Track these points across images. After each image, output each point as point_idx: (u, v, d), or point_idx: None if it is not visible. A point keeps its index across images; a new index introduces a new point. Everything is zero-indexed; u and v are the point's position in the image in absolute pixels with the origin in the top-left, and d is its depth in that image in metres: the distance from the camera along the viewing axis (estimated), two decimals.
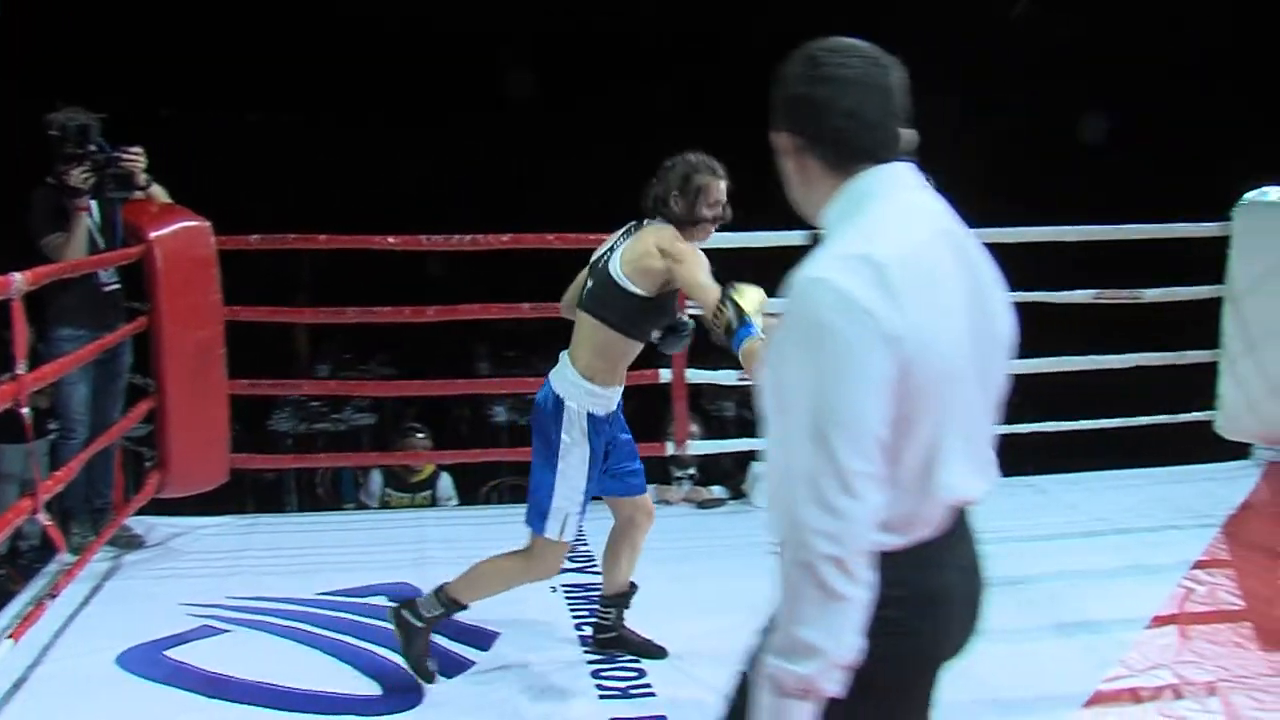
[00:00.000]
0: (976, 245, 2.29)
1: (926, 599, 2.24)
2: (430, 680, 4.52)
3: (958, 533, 2.31)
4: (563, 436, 4.38)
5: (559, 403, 4.38)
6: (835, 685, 2.07)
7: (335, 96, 12.10)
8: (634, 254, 4.24)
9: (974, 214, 2.51)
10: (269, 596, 5.43)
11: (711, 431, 7.75)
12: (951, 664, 2.37)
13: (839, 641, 2.05)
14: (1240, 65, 10.73)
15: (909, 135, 2.28)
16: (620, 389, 4.48)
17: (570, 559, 5.88)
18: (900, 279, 2.07)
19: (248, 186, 10.89)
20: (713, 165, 4.31)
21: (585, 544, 6.11)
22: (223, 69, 11.61)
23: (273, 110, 12.46)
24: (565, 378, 4.39)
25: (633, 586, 4.88)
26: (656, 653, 4.82)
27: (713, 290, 3.90)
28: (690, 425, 6.71)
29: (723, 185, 4.29)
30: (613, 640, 4.87)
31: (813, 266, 2.10)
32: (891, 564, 2.15)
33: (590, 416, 4.37)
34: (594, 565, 5.80)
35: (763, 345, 3.57)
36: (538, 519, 4.43)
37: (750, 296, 3.79)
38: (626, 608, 4.89)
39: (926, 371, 2.08)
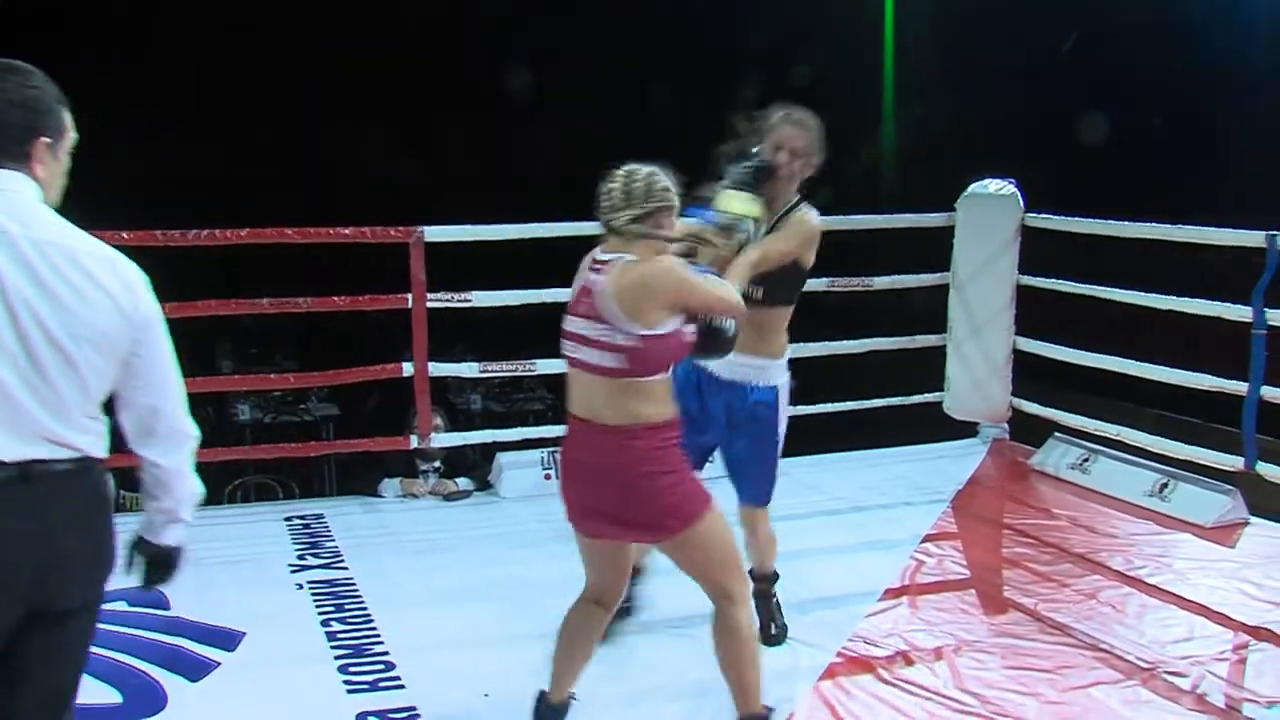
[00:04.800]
0: (47, 247, 2.61)
1: None
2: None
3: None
4: (781, 417, 4.58)
5: (774, 391, 4.52)
6: None
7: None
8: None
9: None
10: None
11: (457, 424, 7.73)
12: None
13: None
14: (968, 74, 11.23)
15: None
16: None
17: (316, 555, 5.84)
18: None
19: None
20: None
21: (332, 540, 6.05)
22: None
23: None
24: (772, 369, 4.51)
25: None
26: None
27: None
28: (434, 418, 6.69)
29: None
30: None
31: None
32: None
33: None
34: (340, 561, 5.75)
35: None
36: (767, 492, 4.65)
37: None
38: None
39: None
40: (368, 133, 12.13)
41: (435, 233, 6.43)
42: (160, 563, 3.06)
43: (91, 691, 4.36)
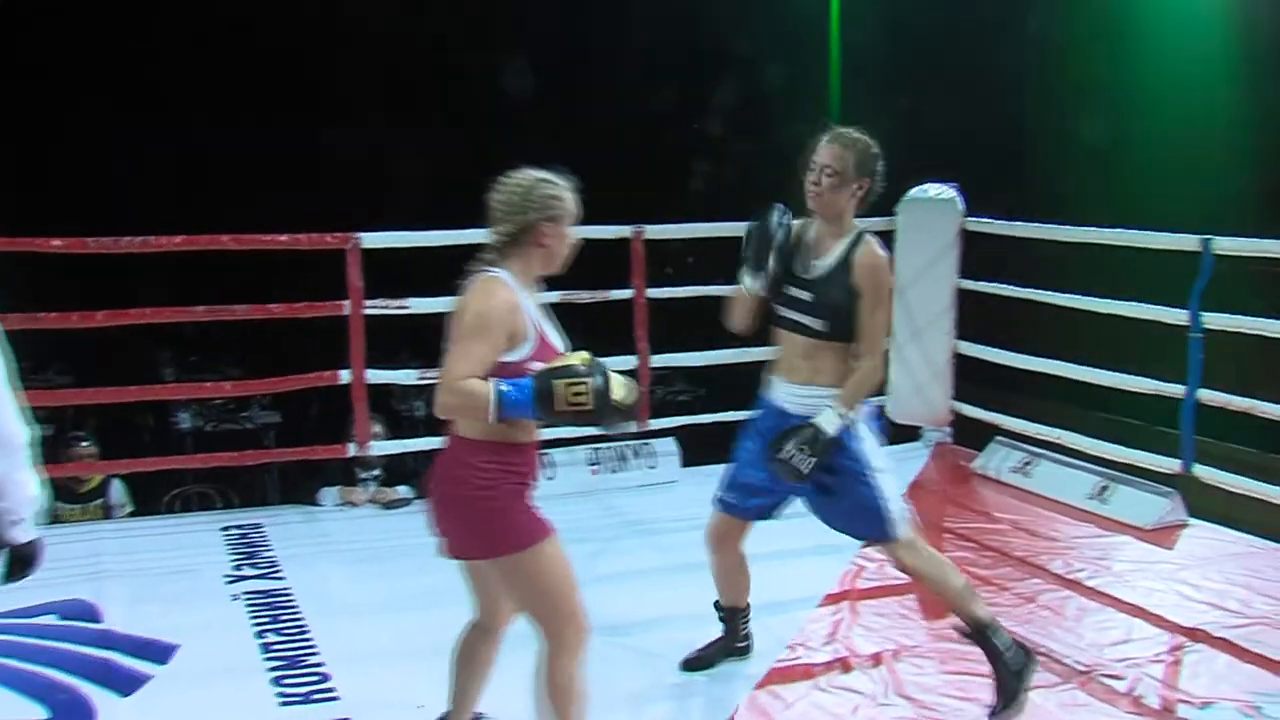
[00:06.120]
0: None
1: None
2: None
3: None
4: (864, 447, 4.30)
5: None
6: None
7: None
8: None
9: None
10: None
11: (401, 431, 7.67)
12: None
13: None
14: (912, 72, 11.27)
15: None
16: None
17: (253, 565, 5.77)
18: None
19: None
20: None
21: (270, 550, 5.99)
22: None
23: None
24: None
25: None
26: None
27: None
28: (373, 425, 6.63)
29: None
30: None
31: None
32: None
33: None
34: (277, 571, 5.68)
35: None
36: (879, 525, 4.29)
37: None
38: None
39: None
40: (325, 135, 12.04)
41: (372, 239, 6.39)
42: (18, 559, 3.13)
43: (17, 708, 4.31)
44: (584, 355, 3.44)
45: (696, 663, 4.67)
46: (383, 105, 12.62)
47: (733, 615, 4.73)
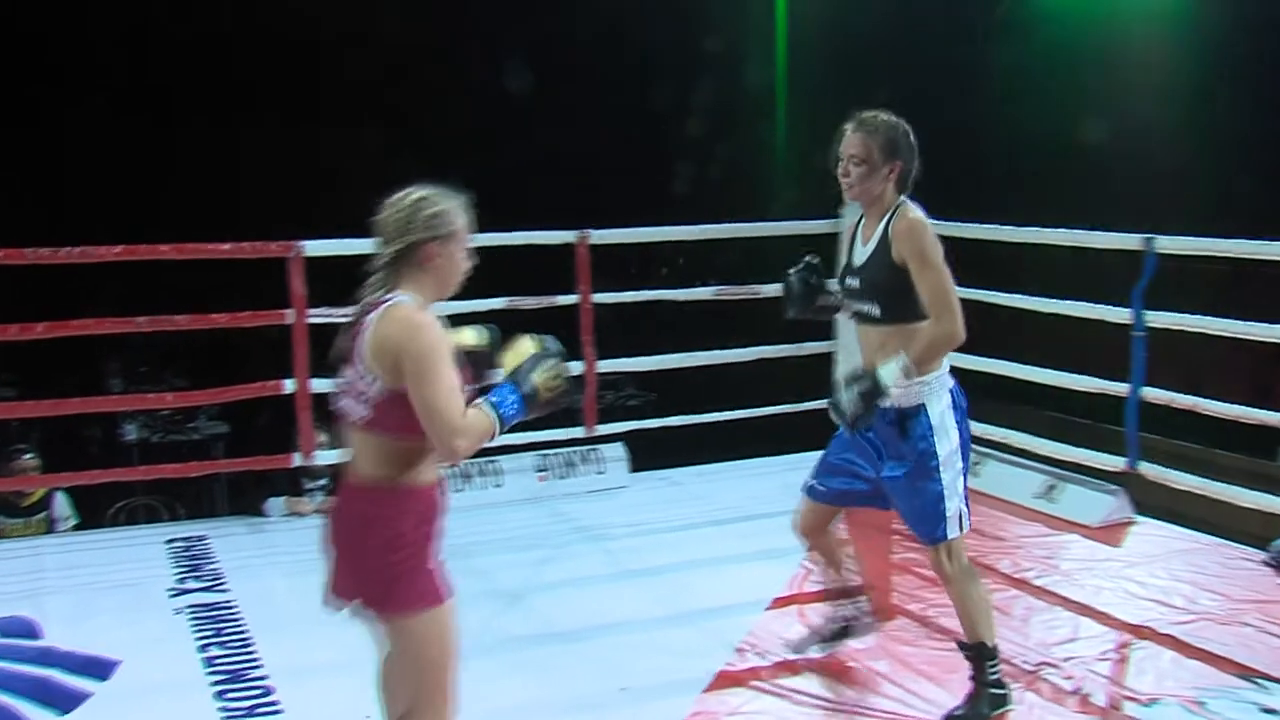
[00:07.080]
0: None
1: None
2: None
3: None
4: (938, 441, 4.16)
5: (917, 412, 4.15)
6: None
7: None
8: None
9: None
10: None
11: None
12: None
13: None
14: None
15: None
16: None
17: (197, 578, 5.72)
18: None
19: None
20: None
21: (214, 562, 5.93)
22: None
23: None
24: (915, 389, 4.12)
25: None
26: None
27: None
28: (319, 435, 6.57)
29: None
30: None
31: None
32: None
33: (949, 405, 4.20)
34: (222, 583, 5.62)
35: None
36: (931, 526, 4.23)
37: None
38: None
39: None
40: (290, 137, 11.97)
41: (315, 247, 6.33)
42: None
43: None
44: (529, 340, 3.37)
45: (817, 638, 4.69)
46: (336, 108, 12.57)
47: (846, 594, 4.70)
